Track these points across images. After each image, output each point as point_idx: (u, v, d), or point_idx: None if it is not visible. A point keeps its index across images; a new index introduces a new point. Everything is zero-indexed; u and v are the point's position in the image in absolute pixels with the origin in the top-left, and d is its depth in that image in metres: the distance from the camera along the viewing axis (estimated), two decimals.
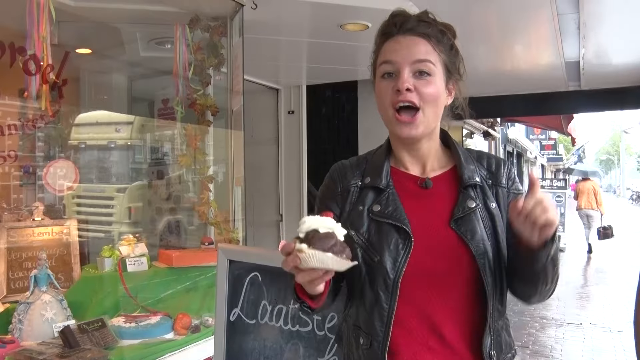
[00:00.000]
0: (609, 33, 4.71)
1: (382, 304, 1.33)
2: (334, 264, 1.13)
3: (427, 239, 1.35)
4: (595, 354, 5.67)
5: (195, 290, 3.10)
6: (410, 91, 1.34)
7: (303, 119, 6.20)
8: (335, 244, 1.13)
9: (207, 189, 3.43)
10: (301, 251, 1.11)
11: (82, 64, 3.95)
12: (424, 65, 1.36)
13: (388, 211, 1.37)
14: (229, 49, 3.55)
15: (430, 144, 1.45)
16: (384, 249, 1.34)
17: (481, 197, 1.40)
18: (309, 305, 1.30)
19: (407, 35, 1.39)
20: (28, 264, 2.93)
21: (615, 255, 12.46)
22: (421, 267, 1.33)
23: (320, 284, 1.20)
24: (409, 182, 1.44)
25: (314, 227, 1.14)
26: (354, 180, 1.46)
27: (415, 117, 1.36)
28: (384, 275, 1.33)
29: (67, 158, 3.45)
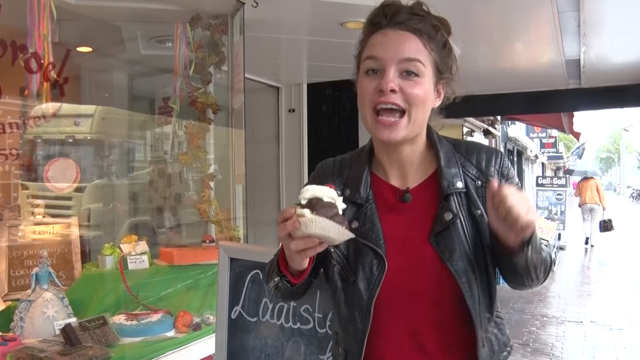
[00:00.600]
0: (609, 31, 4.71)
1: (357, 324, 1.30)
2: (335, 232, 1.11)
3: (405, 256, 1.30)
4: (595, 352, 5.68)
5: (196, 288, 3.11)
6: (395, 92, 1.25)
7: (304, 117, 6.20)
8: (337, 214, 1.12)
9: (208, 186, 3.44)
10: (303, 216, 1.09)
11: (83, 62, 3.95)
12: (413, 64, 1.26)
13: (365, 230, 1.31)
14: (229, 47, 3.55)
15: (413, 149, 1.36)
16: (358, 269, 1.29)
17: (465, 203, 1.31)
18: (289, 280, 1.27)
19: (397, 30, 1.27)
20: (29, 261, 2.93)
21: (616, 253, 12.48)
22: (399, 285, 1.28)
23: (309, 256, 1.18)
24: (388, 194, 1.37)
25: (318, 195, 1.13)
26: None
27: (399, 121, 1.26)
28: (358, 296, 1.29)
29: (66, 156, 3.44)
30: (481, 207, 1.30)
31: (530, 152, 25.57)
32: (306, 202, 1.12)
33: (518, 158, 21.85)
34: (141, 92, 4.58)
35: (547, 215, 12.35)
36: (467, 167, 1.34)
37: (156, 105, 4.07)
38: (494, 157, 1.37)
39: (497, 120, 14.06)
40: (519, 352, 5.55)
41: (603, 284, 8.99)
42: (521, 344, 5.81)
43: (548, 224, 10.73)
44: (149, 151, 4.56)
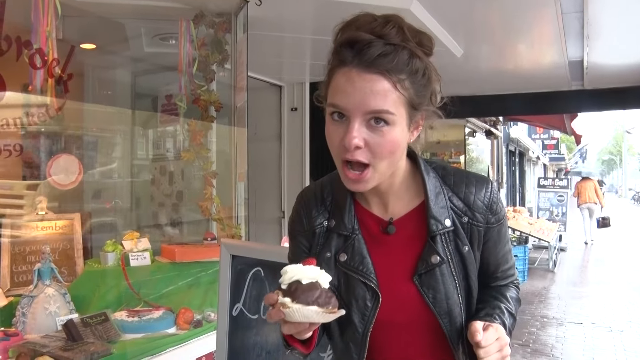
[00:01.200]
0: (613, 33, 4.71)
1: (352, 355, 1.30)
2: (319, 317, 1.07)
3: (390, 290, 1.27)
4: (595, 353, 5.68)
5: (197, 285, 3.12)
6: (360, 148, 1.14)
7: (306, 116, 6.21)
8: (320, 294, 1.07)
9: (210, 184, 3.45)
10: (285, 306, 1.06)
11: (87, 59, 3.96)
12: (380, 116, 1.12)
13: (354, 263, 1.27)
14: (233, 45, 3.56)
15: (391, 182, 1.28)
16: (352, 303, 1.27)
17: (452, 241, 1.27)
18: (301, 352, 1.23)
19: (363, 72, 1.11)
20: (32, 257, 2.95)
21: (616, 256, 12.47)
22: (390, 319, 1.27)
23: (305, 335, 1.16)
24: (372, 225, 1.32)
25: (296, 278, 1.08)
26: (319, 220, 1.34)
27: (364, 174, 1.17)
28: (352, 328, 1.28)
29: (70, 152, 3.45)
30: (468, 243, 1.27)
31: (532, 153, 25.56)
32: (286, 288, 1.08)
33: (520, 159, 21.84)
34: (144, 89, 4.59)
35: (548, 216, 12.35)
36: (454, 202, 1.29)
37: (159, 103, 4.08)
38: (484, 189, 1.30)
39: (499, 121, 14.07)
40: (518, 353, 5.56)
41: (603, 286, 8.99)
42: (521, 345, 5.82)
43: (549, 225, 10.73)
44: (152, 148, 4.57)
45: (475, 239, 1.29)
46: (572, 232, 14.06)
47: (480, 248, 1.30)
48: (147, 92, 4.58)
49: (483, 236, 1.30)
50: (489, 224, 1.30)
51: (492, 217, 1.30)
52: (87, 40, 3.75)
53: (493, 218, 1.30)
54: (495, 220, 1.30)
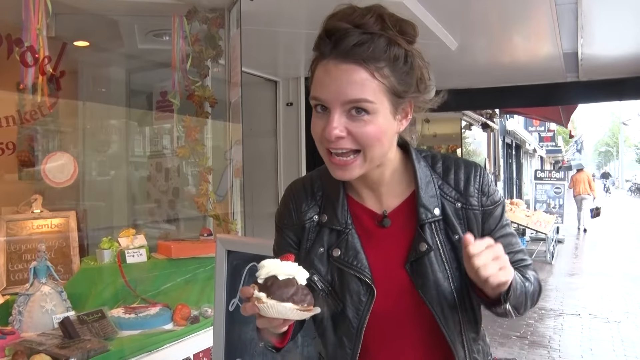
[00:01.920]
0: (607, 23, 4.71)
1: (346, 349, 1.28)
2: (293, 314, 1.07)
3: (386, 280, 1.27)
4: (593, 344, 5.70)
5: (194, 281, 3.11)
6: (342, 138, 1.14)
7: (302, 110, 6.20)
8: (296, 292, 1.07)
9: (206, 180, 3.44)
10: (260, 301, 1.05)
11: (80, 57, 3.94)
12: (358, 105, 1.12)
13: (349, 258, 1.27)
14: (226, 40, 3.54)
15: (383, 171, 1.27)
16: (346, 298, 1.26)
17: (442, 229, 1.26)
18: (273, 345, 1.24)
19: (340, 63, 1.11)
20: (27, 256, 2.94)
21: (614, 247, 12.51)
22: (383, 311, 1.27)
23: (279, 331, 1.15)
24: (366, 219, 1.31)
25: (272, 273, 1.08)
26: (309, 214, 1.33)
27: (353, 160, 1.17)
28: (347, 323, 1.27)
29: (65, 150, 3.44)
30: (459, 231, 1.26)
31: (529, 145, 25.61)
32: (262, 282, 1.08)
33: (516, 152, 21.88)
34: (139, 86, 4.57)
35: (545, 208, 12.39)
36: (444, 190, 1.28)
37: (154, 100, 4.06)
38: (473, 174, 1.29)
39: (496, 113, 14.08)
40: (516, 345, 5.57)
41: (601, 277, 9.02)
42: (519, 337, 5.84)
43: (546, 217, 10.75)
44: (147, 145, 4.56)
45: (474, 223, 1.28)
46: (570, 224, 14.11)
47: (480, 234, 1.28)
48: (141, 89, 4.56)
49: (481, 220, 1.29)
50: (484, 206, 1.29)
51: (487, 199, 1.29)
52: (80, 38, 3.73)
53: (488, 200, 1.29)
54: (490, 202, 1.30)
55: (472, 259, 1.07)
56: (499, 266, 1.08)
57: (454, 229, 1.26)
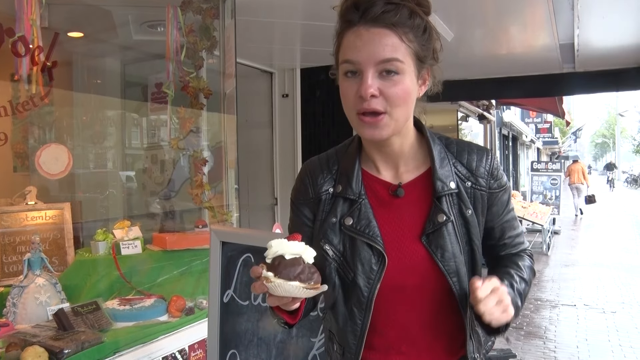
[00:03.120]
0: (603, 14, 4.69)
1: (356, 320, 1.30)
2: (301, 292, 1.11)
3: (399, 252, 1.29)
4: (588, 335, 5.72)
5: (189, 272, 3.11)
6: (376, 97, 1.20)
7: (297, 102, 6.19)
8: (303, 270, 1.11)
9: (200, 171, 3.43)
10: (268, 280, 1.09)
11: (74, 48, 3.92)
12: (391, 64, 1.19)
13: (361, 227, 1.30)
14: (221, 31, 3.53)
15: (403, 142, 1.33)
16: (357, 266, 1.28)
17: (456, 204, 1.31)
18: (286, 322, 1.27)
19: (371, 28, 1.19)
20: (22, 248, 2.93)
21: (609, 238, 12.54)
22: (394, 282, 1.29)
23: (293, 306, 1.18)
24: (380, 189, 1.35)
25: (279, 252, 1.12)
26: (325, 187, 1.37)
27: (379, 118, 1.22)
28: (357, 293, 1.29)
29: (59, 142, 3.43)
30: (471, 207, 1.32)
31: (526, 137, 25.62)
32: (270, 262, 1.12)
33: (513, 143, 21.88)
34: (134, 77, 4.55)
35: (541, 200, 12.40)
36: (457, 167, 1.34)
37: (149, 91, 4.05)
38: (485, 157, 1.36)
39: (492, 105, 14.07)
40: (512, 336, 5.59)
41: (597, 268, 9.04)
42: (515, 328, 5.85)
43: (543, 208, 10.77)
44: (143, 137, 4.55)
45: (479, 203, 1.34)
46: (566, 215, 14.15)
47: (484, 214, 1.35)
48: (136, 81, 4.54)
49: (487, 201, 1.35)
50: (491, 189, 1.35)
51: (494, 182, 1.35)
52: (74, 29, 3.71)
53: (495, 184, 1.36)
54: (497, 185, 1.36)
55: (478, 305, 1.15)
56: (502, 310, 1.18)
57: (467, 203, 1.32)
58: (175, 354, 2.61)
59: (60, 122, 3.70)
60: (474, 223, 1.32)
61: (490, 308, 1.16)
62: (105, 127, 4.36)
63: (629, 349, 5.28)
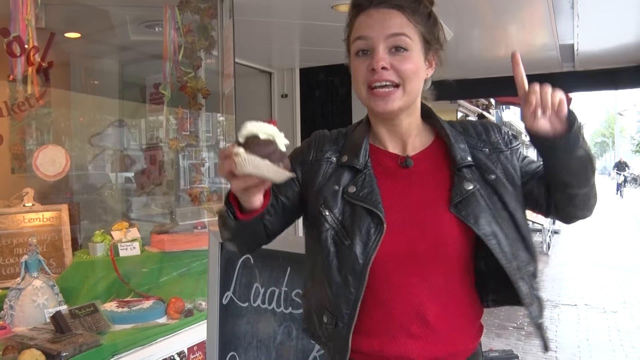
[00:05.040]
0: (603, 12, 4.67)
1: (350, 288, 1.26)
2: (270, 171, 1.08)
3: (406, 221, 1.27)
4: (589, 334, 5.70)
5: (188, 274, 3.10)
6: (387, 69, 1.26)
7: (296, 102, 6.18)
8: (274, 151, 1.08)
9: (199, 172, 3.41)
10: (237, 155, 1.05)
11: (72, 49, 3.91)
12: (400, 39, 1.27)
13: (363, 194, 1.29)
14: (219, 31, 3.51)
15: (411, 120, 1.37)
16: (355, 233, 1.26)
17: (478, 174, 1.31)
18: (234, 212, 1.23)
19: (380, 8, 1.29)
20: (19, 250, 2.92)
21: (610, 238, 12.54)
22: (398, 250, 1.26)
23: (254, 194, 1.16)
24: (388, 161, 1.36)
25: (254, 132, 1.09)
26: (328, 154, 1.38)
27: (393, 91, 1.28)
28: (353, 260, 1.25)
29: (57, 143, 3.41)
30: (495, 171, 1.32)
31: (525, 136, 25.63)
32: (243, 140, 1.09)
33: None
34: (132, 78, 4.54)
35: None
36: (470, 141, 1.36)
37: (147, 92, 4.03)
38: (490, 126, 1.41)
39: (492, 104, 14.07)
40: (513, 336, 5.57)
41: (597, 267, 9.03)
42: (515, 328, 5.83)
43: None
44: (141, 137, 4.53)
45: (508, 164, 1.34)
46: None
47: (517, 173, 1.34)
48: (134, 81, 4.53)
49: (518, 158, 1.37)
50: (512, 145, 1.38)
51: (510, 142, 1.38)
52: (71, 29, 3.70)
53: (512, 143, 1.38)
54: (514, 144, 1.38)
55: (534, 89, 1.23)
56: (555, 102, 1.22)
57: (489, 170, 1.32)
58: (174, 356, 2.59)
59: (57, 123, 3.68)
60: (503, 186, 1.30)
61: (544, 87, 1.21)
62: (103, 127, 4.34)
63: (630, 349, 5.26)
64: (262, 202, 1.20)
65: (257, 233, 1.33)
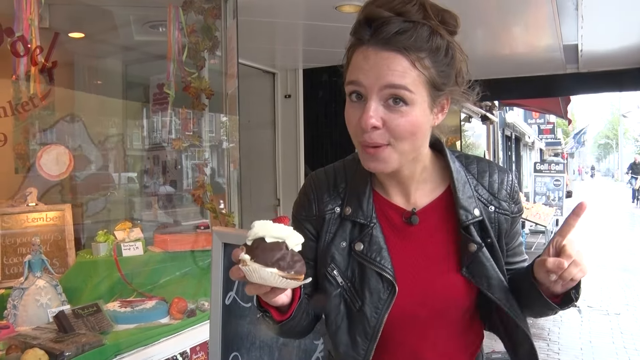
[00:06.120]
0: (607, 14, 4.66)
1: (359, 350, 1.22)
2: (278, 281, 0.98)
3: (414, 282, 1.22)
4: (592, 337, 5.69)
5: (191, 274, 3.09)
6: (378, 129, 1.10)
7: (300, 103, 6.18)
8: (283, 257, 0.98)
9: (202, 172, 3.41)
10: (244, 263, 0.97)
11: (76, 49, 3.91)
12: (397, 92, 1.08)
13: (371, 254, 1.21)
14: (223, 31, 3.51)
15: (414, 169, 1.23)
16: (365, 295, 1.21)
17: (480, 231, 1.24)
18: (272, 316, 1.13)
19: (379, 50, 1.08)
20: (22, 249, 2.92)
21: (613, 240, 12.51)
22: (407, 313, 1.22)
23: (271, 299, 1.06)
24: (393, 215, 1.26)
25: (260, 234, 0.99)
26: (331, 206, 1.27)
27: (380, 150, 1.12)
28: (364, 322, 1.21)
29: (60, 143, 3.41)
30: (492, 235, 1.24)
31: (529, 138, 25.58)
32: (250, 245, 1.00)
33: (516, 144, 21.84)
34: (135, 78, 4.54)
35: (544, 201, 12.36)
36: (479, 191, 1.26)
37: (150, 92, 4.03)
38: (506, 179, 1.29)
39: (495, 106, 14.04)
40: None
41: (600, 270, 9.01)
42: None
43: (546, 209, 10.74)
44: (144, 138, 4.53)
45: (504, 228, 1.27)
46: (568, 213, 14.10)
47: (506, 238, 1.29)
48: (138, 81, 4.53)
49: (510, 226, 1.29)
50: (513, 213, 1.28)
51: (515, 206, 1.29)
52: (75, 29, 3.69)
53: (516, 208, 1.29)
54: (517, 210, 1.30)
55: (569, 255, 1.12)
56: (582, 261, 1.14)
57: (488, 232, 1.24)
58: (176, 356, 2.59)
59: (61, 123, 3.68)
60: (496, 250, 1.25)
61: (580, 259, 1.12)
62: (107, 128, 4.34)
63: (633, 352, 5.25)
64: (293, 296, 1.13)
65: (306, 316, 1.26)
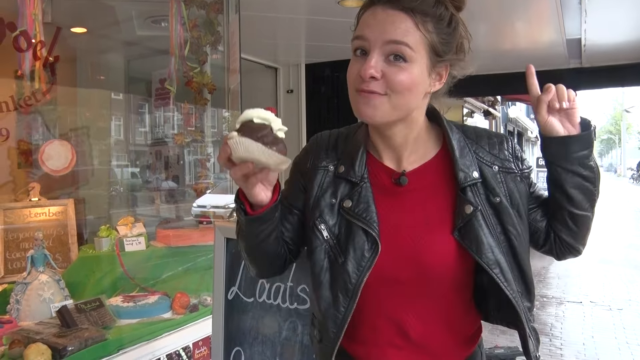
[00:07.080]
0: (610, 8, 4.65)
1: (339, 307, 1.23)
2: (262, 154, 1.06)
3: (399, 243, 1.22)
4: (595, 332, 5.68)
5: (193, 269, 3.10)
6: (376, 79, 1.14)
7: (302, 97, 6.17)
8: (267, 134, 1.07)
9: (205, 167, 3.41)
10: (231, 138, 1.06)
11: (78, 44, 3.90)
12: (399, 48, 1.13)
13: (359, 210, 1.23)
14: (225, 26, 3.50)
15: (407, 133, 1.25)
16: (349, 251, 1.22)
17: (482, 192, 1.23)
18: (245, 209, 1.19)
19: (387, 9, 1.14)
20: (25, 244, 2.93)
21: (615, 235, 12.50)
22: (388, 272, 1.22)
23: (253, 185, 1.13)
24: (383, 176, 1.28)
25: (248, 117, 1.08)
26: (325, 162, 1.31)
27: (374, 96, 1.15)
28: (345, 278, 1.22)
29: (63, 138, 3.41)
30: (500, 193, 1.23)
31: (531, 133, 25.55)
32: (239, 126, 1.08)
33: (518, 139, 21.84)
34: (138, 73, 4.54)
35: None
36: (480, 153, 1.26)
37: (153, 87, 4.03)
38: (505, 141, 1.30)
39: (498, 101, 14.03)
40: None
41: (603, 265, 9.00)
42: None
43: None
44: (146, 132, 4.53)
45: (513, 187, 1.26)
46: None
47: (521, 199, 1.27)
48: (140, 76, 4.53)
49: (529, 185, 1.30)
50: (521, 170, 1.28)
51: (522, 164, 1.29)
52: (78, 24, 3.69)
53: (523, 165, 1.29)
54: (526, 167, 1.30)
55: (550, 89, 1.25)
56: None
57: (494, 191, 1.24)
58: (179, 351, 2.59)
59: (63, 118, 3.69)
60: (506, 211, 1.23)
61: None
62: (109, 123, 4.34)
63: (636, 347, 5.25)
64: (271, 198, 1.18)
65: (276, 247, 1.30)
